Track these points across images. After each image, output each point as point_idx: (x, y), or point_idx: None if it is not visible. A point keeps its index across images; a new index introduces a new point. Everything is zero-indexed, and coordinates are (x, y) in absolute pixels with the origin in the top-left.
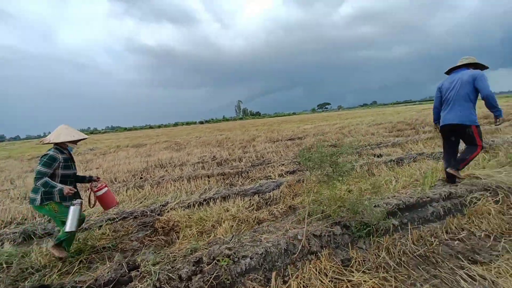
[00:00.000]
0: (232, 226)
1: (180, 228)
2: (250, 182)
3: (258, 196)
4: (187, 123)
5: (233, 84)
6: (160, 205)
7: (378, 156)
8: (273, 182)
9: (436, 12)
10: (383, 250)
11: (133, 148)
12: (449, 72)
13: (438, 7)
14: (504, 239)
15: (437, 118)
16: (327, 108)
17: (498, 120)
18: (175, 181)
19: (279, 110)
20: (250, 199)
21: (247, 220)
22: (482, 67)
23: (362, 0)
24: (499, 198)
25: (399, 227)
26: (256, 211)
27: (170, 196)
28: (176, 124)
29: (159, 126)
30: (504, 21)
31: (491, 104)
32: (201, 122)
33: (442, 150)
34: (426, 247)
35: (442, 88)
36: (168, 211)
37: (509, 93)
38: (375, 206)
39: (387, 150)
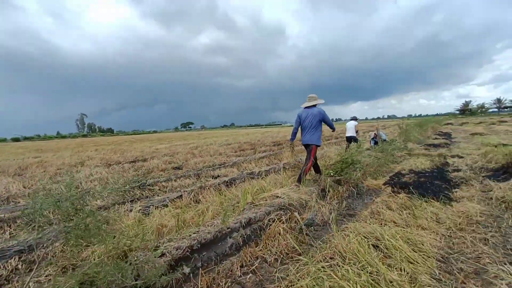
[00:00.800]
0: None
1: None
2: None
3: (19, 258)
4: None
5: (78, 94)
6: None
7: (215, 178)
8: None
9: (269, 57)
10: None
11: None
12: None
13: (270, 54)
14: (284, 264)
15: (293, 138)
16: (190, 127)
17: (333, 130)
18: None
19: (140, 128)
20: (4, 264)
21: None
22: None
23: (217, 33)
24: (288, 217)
25: (191, 275)
26: None
27: None
28: None
29: None
30: (310, 72)
31: (331, 126)
32: (16, 139)
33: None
34: None
35: (301, 117)
36: None
37: None
38: (160, 256)
39: (225, 171)
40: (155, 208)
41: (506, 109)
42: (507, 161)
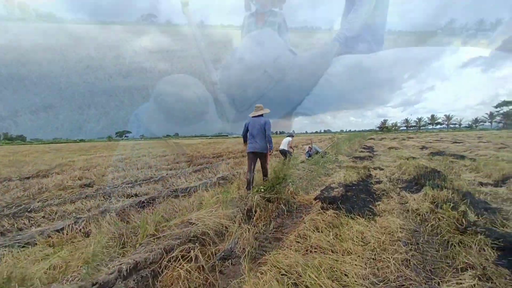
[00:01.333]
0: None
1: None
2: None
3: None
4: None
5: None
6: None
7: (130, 197)
8: None
9: (216, 66)
10: None
11: None
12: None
13: (217, 63)
14: None
15: (245, 141)
16: (127, 136)
17: (270, 151)
18: None
19: (64, 136)
20: None
21: None
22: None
23: (159, 36)
24: (196, 252)
25: None
26: None
27: None
28: None
29: None
30: (257, 85)
31: (269, 142)
32: None
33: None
34: None
35: (248, 125)
36: None
37: None
38: None
39: (146, 188)
40: (10, 251)
41: (411, 128)
42: (417, 173)
